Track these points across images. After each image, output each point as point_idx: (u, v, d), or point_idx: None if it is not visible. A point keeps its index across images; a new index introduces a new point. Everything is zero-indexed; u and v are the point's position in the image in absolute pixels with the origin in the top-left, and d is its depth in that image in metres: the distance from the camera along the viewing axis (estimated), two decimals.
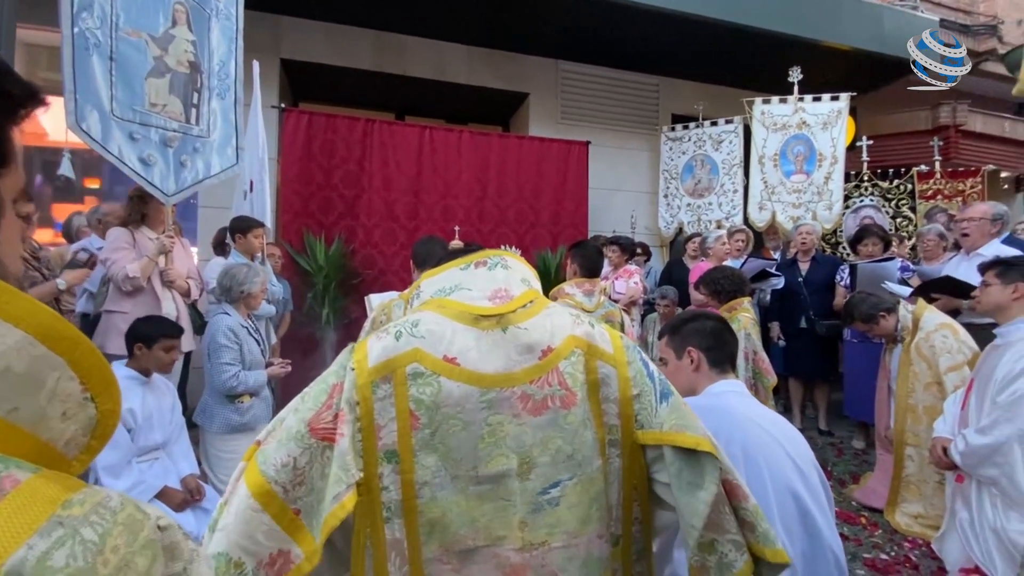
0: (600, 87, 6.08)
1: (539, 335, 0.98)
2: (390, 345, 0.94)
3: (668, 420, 0.99)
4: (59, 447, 0.42)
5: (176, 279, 3.04)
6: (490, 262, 1.05)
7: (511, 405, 0.95)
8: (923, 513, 2.52)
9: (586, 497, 0.99)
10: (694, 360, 1.52)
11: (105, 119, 2.64)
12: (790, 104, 5.27)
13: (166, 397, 2.55)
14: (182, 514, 2.38)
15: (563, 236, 5.26)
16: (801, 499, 1.29)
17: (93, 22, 2.58)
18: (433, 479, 0.94)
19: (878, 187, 5.58)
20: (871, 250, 3.80)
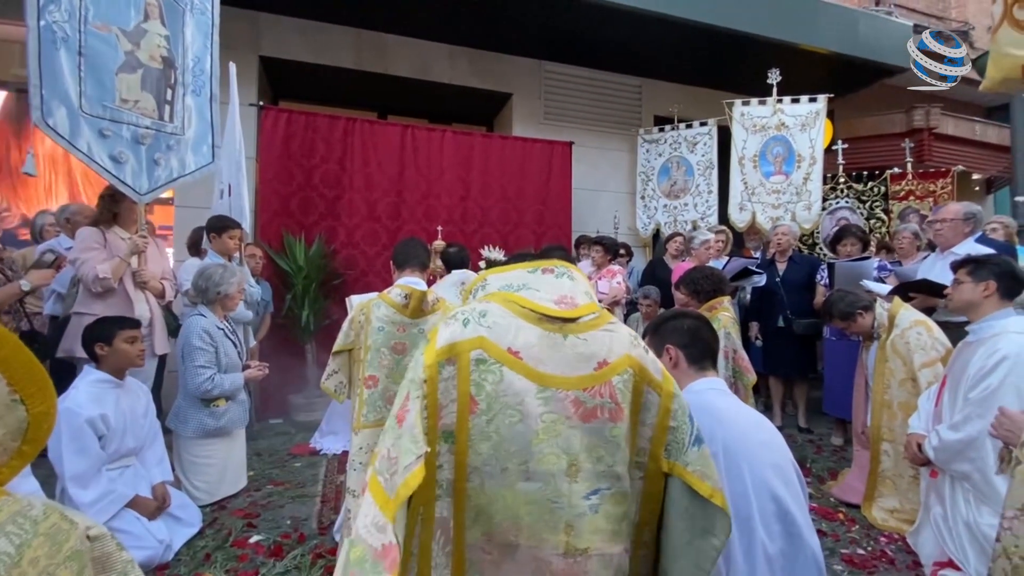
0: (583, 88, 6.10)
1: (596, 347, 1.03)
2: (457, 330, 0.99)
3: (694, 464, 1.04)
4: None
5: (149, 280, 2.95)
6: (557, 271, 1.11)
7: (564, 407, 0.99)
8: (898, 508, 2.56)
9: (619, 510, 1.03)
10: (672, 357, 1.52)
11: (73, 115, 2.56)
12: (769, 106, 5.34)
13: (140, 401, 2.47)
14: (154, 522, 2.31)
15: (547, 236, 5.25)
16: (781, 499, 1.30)
17: (61, 15, 2.50)
18: (484, 466, 0.98)
19: (853, 189, 5.70)
20: (849, 250, 3.87)
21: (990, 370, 1.94)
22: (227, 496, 2.84)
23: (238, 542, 2.40)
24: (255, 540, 2.42)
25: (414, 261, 2.43)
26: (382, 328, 2.37)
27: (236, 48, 4.52)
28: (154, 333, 2.98)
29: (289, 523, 2.58)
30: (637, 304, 4.63)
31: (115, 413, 2.27)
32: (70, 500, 2.06)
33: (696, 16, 4.94)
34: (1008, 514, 1.33)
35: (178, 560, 2.27)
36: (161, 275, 3.10)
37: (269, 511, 2.71)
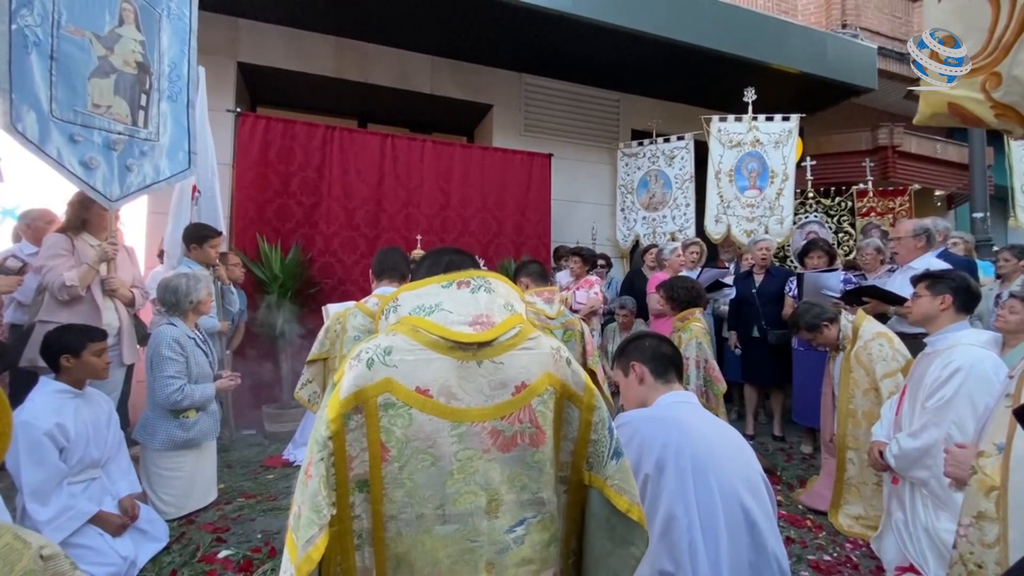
0: (563, 101, 6.19)
1: (514, 371, 0.98)
2: (362, 374, 0.93)
3: (613, 477, 1.03)
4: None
5: (119, 288, 2.89)
6: (473, 283, 1.02)
7: (481, 440, 0.95)
8: (863, 514, 2.64)
9: (546, 535, 1.00)
10: (638, 373, 1.56)
11: (43, 120, 2.50)
12: (745, 122, 5.50)
13: (102, 410, 2.40)
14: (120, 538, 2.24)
15: (526, 246, 5.30)
16: (749, 511, 1.32)
17: (33, 19, 2.46)
18: (400, 514, 0.94)
19: (821, 204, 5.90)
20: (816, 262, 4.01)
21: (945, 380, 2.02)
22: (196, 510, 2.78)
23: (206, 557, 2.35)
24: (224, 555, 2.37)
25: (392, 271, 2.43)
26: (358, 337, 2.36)
27: (214, 53, 4.48)
28: (122, 342, 2.92)
29: (260, 537, 2.53)
30: (615, 314, 4.69)
31: (75, 424, 2.21)
32: (28, 517, 2.00)
33: (673, 34, 5.08)
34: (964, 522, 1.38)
35: None
36: (132, 283, 3.04)
37: (239, 524, 2.66)
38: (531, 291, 2.82)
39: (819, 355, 3.40)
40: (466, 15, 4.80)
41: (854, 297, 3.15)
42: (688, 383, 2.88)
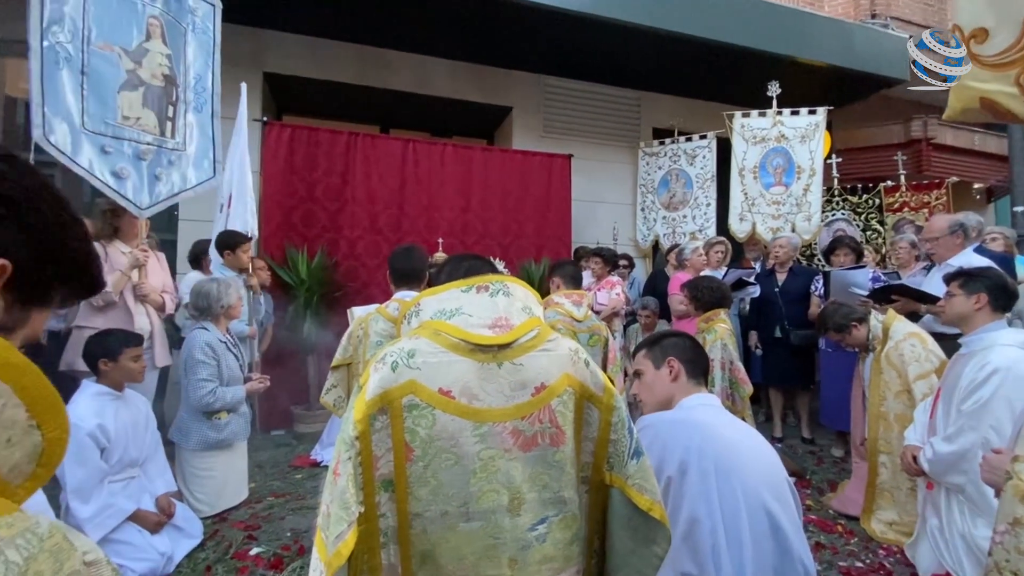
0: (583, 101, 6.17)
1: (533, 372, 1.00)
2: (387, 376, 0.96)
3: (634, 476, 1.04)
4: (2, 473, 0.42)
5: (150, 293, 3.00)
6: (492, 288, 1.05)
7: (502, 440, 0.97)
8: (897, 520, 2.56)
9: (568, 533, 1.02)
10: (674, 370, 1.54)
11: (75, 132, 2.62)
12: (769, 118, 5.39)
13: (140, 412, 2.50)
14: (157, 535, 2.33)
15: (546, 248, 5.30)
16: (773, 514, 1.30)
17: (64, 36, 2.57)
18: (424, 512, 0.96)
19: (848, 201, 5.73)
20: (843, 260, 3.90)
21: (981, 382, 1.95)
22: (228, 508, 2.86)
23: (239, 554, 2.42)
24: (255, 552, 2.44)
25: (412, 276, 2.47)
26: (380, 342, 2.40)
27: (241, 65, 4.61)
28: (155, 346, 3.02)
29: (289, 535, 2.60)
30: (636, 315, 4.65)
31: (115, 425, 2.30)
32: (71, 514, 2.09)
33: (694, 31, 5.01)
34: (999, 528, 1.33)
35: (179, 572, 2.29)
36: (162, 288, 3.14)
37: (270, 523, 2.73)
38: (561, 292, 2.82)
39: (847, 356, 3.31)
40: (486, 19, 4.82)
41: (883, 296, 3.05)
42: (713, 385, 2.84)
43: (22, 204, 0.48)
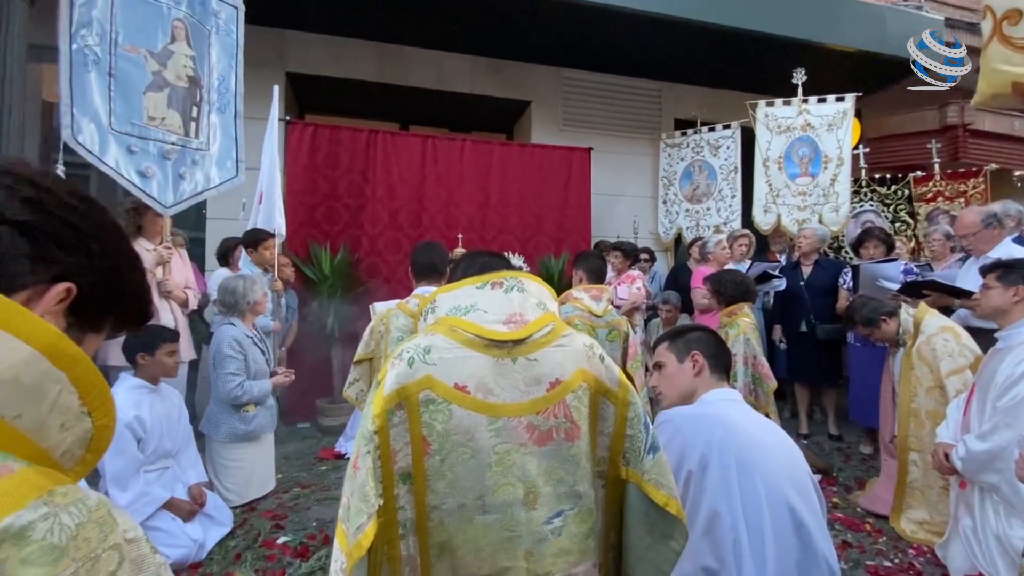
0: (602, 94, 6.10)
1: (548, 368, 1.01)
2: (404, 372, 0.97)
3: (650, 471, 1.04)
4: (56, 456, 0.46)
5: (174, 290, 3.09)
6: (507, 284, 1.06)
7: (517, 434, 0.98)
8: (928, 519, 2.49)
9: (584, 527, 1.03)
10: (698, 364, 1.52)
11: (103, 132, 2.70)
12: (794, 106, 5.24)
13: (174, 405, 2.60)
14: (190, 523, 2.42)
15: (566, 242, 5.27)
16: (796, 510, 1.29)
17: (93, 39, 2.65)
18: (442, 504, 0.98)
19: (876, 192, 5.54)
20: (873, 252, 3.78)
21: (1019, 378, 1.88)
22: (257, 498, 2.95)
23: (267, 542, 2.50)
24: (282, 541, 2.51)
25: (432, 272, 2.49)
26: (401, 338, 2.43)
27: (264, 65, 4.69)
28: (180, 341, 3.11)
29: (315, 525, 2.66)
30: (657, 309, 4.61)
31: (151, 417, 2.40)
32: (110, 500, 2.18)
33: (716, 19, 4.90)
34: None
35: (211, 559, 2.37)
36: (185, 284, 3.23)
37: (296, 513, 2.80)
38: (581, 287, 2.82)
39: (876, 350, 3.23)
40: (504, 12, 4.81)
41: (913, 290, 2.95)
42: (735, 380, 2.80)
43: (90, 236, 0.53)
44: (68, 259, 0.51)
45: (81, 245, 0.52)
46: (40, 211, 0.49)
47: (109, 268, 0.55)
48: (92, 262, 0.53)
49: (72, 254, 0.51)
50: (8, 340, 0.42)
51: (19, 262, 0.47)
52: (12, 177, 0.49)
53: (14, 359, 0.43)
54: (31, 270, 0.48)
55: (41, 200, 0.50)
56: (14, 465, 0.39)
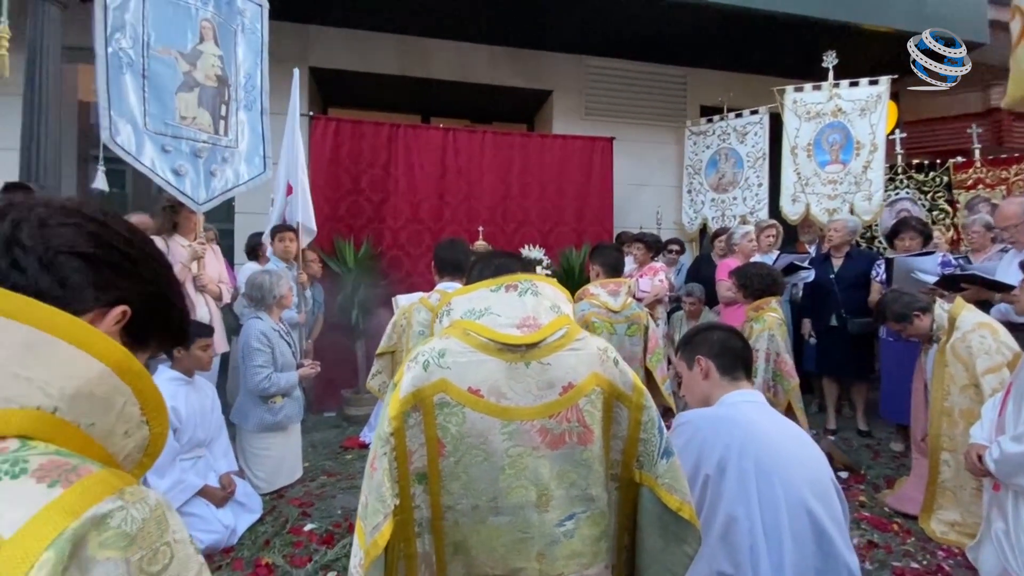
0: (625, 81, 6.00)
1: (561, 372, 1.02)
2: (419, 375, 1.00)
3: (664, 476, 1.04)
4: (119, 459, 0.53)
5: (208, 284, 3.19)
6: (520, 287, 1.07)
7: (530, 438, 1.00)
8: (960, 521, 2.42)
9: (597, 530, 1.04)
10: (703, 368, 1.51)
11: (138, 133, 2.79)
12: (824, 91, 5.05)
13: (207, 396, 2.69)
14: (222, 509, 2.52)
15: (587, 234, 5.23)
16: (816, 516, 1.27)
17: (126, 42, 2.73)
18: (456, 504, 1.01)
19: (913, 179, 5.31)
20: (908, 244, 3.62)
21: None
22: (285, 486, 3.05)
23: (294, 529, 2.59)
24: (309, 528, 2.59)
25: (454, 268, 2.51)
26: (422, 332, 2.47)
27: (287, 61, 4.74)
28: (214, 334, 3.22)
29: (340, 513, 2.74)
30: (681, 302, 4.54)
31: (186, 408, 2.50)
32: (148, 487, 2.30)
33: (743, 1, 4.75)
34: None
35: (241, 544, 2.46)
36: (218, 279, 3.33)
37: (322, 501, 2.89)
38: (597, 282, 2.79)
39: (909, 344, 3.12)
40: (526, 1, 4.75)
41: (951, 284, 2.84)
42: (755, 376, 2.76)
43: (142, 265, 0.61)
44: (124, 285, 0.58)
45: (134, 272, 0.60)
46: (102, 244, 0.57)
47: (157, 292, 0.63)
48: (143, 287, 0.60)
49: (127, 280, 0.59)
50: (85, 358, 0.49)
51: (86, 288, 0.55)
52: (80, 216, 0.57)
53: (90, 375, 0.49)
54: (95, 295, 0.56)
55: (102, 235, 0.57)
56: (92, 467, 0.45)
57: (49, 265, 0.53)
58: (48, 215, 0.55)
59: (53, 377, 0.47)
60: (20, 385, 0.46)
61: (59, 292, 0.53)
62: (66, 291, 0.53)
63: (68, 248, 0.54)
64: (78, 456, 0.46)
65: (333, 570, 2.25)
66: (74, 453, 0.46)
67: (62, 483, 0.42)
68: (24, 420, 0.45)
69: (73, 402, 0.48)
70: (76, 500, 0.42)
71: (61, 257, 0.54)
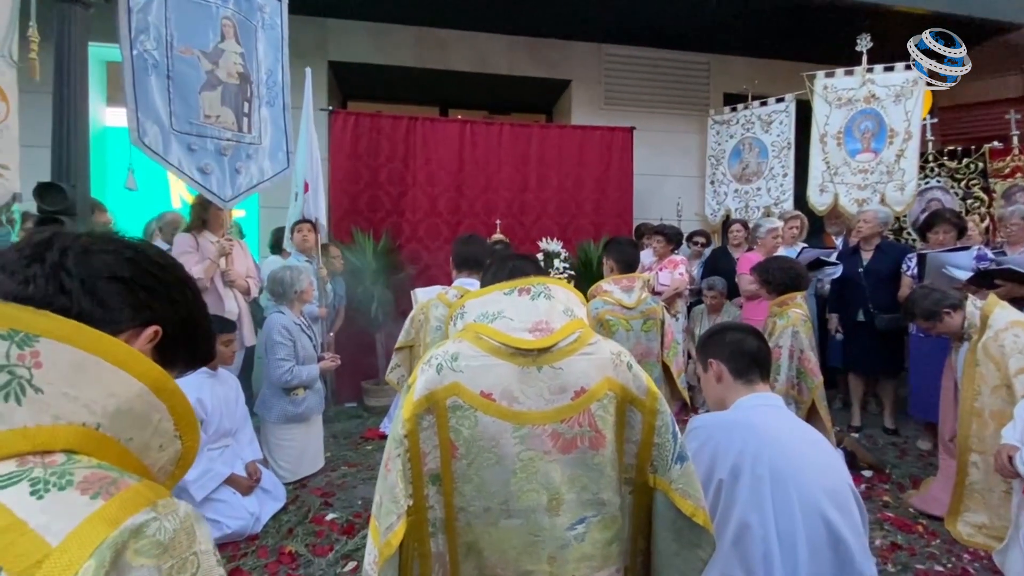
0: (646, 69, 5.88)
1: (573, 377, 1.02)
2: (432, 378, 1.01)
3: (678, 481, 1.04)
4: (154, 471, 0.57)
5: (236, 279, 3.26)
6: (533, 291, 1.08)
7: (542, 442, 1.01)
8: (987, 524, 2.35)
9: (608, 534, 1.05)
10: (716, 371, 1.49)
11: (165, 133, 2.85)
12: (857, 76, 4.86)
13: (231, 388, 2.77)
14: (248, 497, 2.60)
15: (606, 226, 5.18)
16: (832, 524, 1.24)
17: (151, 43, 2.78)
18: (468, 506, 1.02)
19: (945, 167, 5.08)
20: (942, 238, 3.48)
21: None
22: (307, 475, 3.13)
23: (316, 518, 2.66)
24: (331, 518, 2.66)
25: (472, 263, 2.52)
26: (439, 327, 2.49)
27: (306, 55, 4.79)
28: (242, 327, 3.30)
29: (360, 504, 2.81)
30: (702, 295, 4.48)
31: (211, 399, 2.57)
32: None
33: None
34: None
35: (265, 532, 2.55)
36: (246, 273, 3.41)
37: (343, 491, 2.96)
38: (611, 278, 2.77)
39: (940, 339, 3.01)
40: None
41: (985, 280, 2.74)
42: (779, 374, 2.70)
43: (173, 288, 0.66)
44: (156, 306, 0.63)
45: (166, 295, 0.65)
46: (138, 269, 0.62)
47: (187, 314, 0.68)
48: (174, 309, 0.66)
49: (160, 302, 0.64)
50: (126, 377, 0.53)
51: (123, 309, 0.60)
52: (118, 244, 0.63)
53: (130, 393, 0.54)
54: (131, 316, 0.61)
55: (138, 260, 0.63)
56: (130, 480, 0.49)
57: (91, 289, 0.58)
58: (91, 243, 0.60)
59: (97, 395, 0.51)
60: (68, 403, 0.50)
61: (99, 313, 0.58)
62: (105, 312, 0.58)
63: (108, 273, 0.59)
64: (117, 469, 0.49)
65: (353, 560, 2.31)
66: (114, 467, 0.50)
67: (103, 495, 0.46)
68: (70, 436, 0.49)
69: (114, 419, 0.52)
70: (116, 511, 0.45)
71: (101, 282, 0.59)
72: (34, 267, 0.56)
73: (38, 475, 0.45)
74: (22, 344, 0.48)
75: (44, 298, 0.55)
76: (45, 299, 0.55)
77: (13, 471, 0.45)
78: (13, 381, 0.47)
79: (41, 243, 0.58)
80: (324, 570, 2.25)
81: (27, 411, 0.48)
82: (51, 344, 0.50)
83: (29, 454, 0.46)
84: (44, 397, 0.48)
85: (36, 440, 0.47)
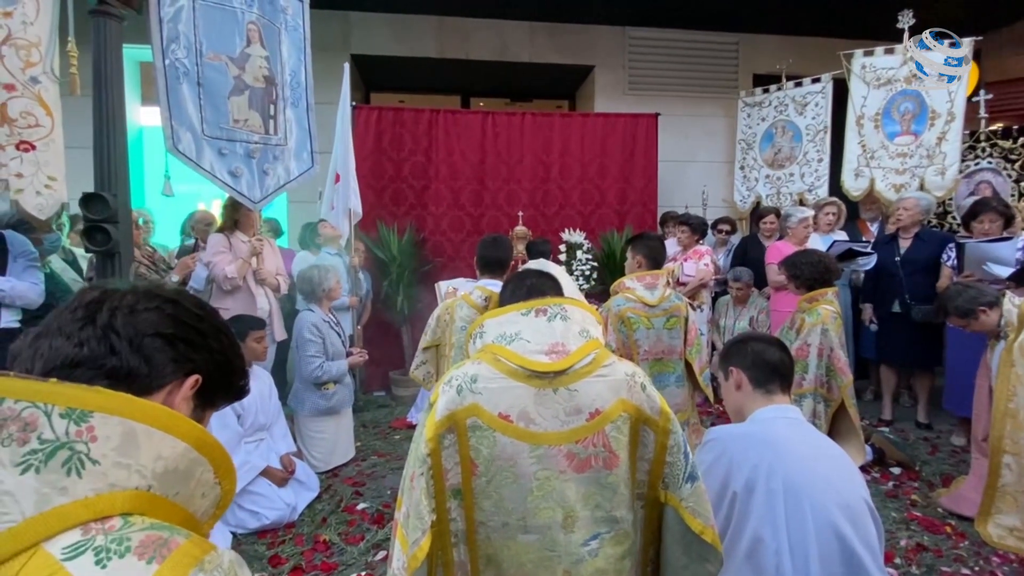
0: (671, 52, 5.72)
1: (588, 399, 1.06)
2: (453, 399, 1.07)
3: (688, 499, 1.07)
4: (197, 516, 0.64)
5: (267, 277, 3.39)
6: (550, 311, 1.11)
7: (557, 462, 1.05)
8: (1019, 526, 2.30)
9: (620, 549, 1.09)
10: (736, 379, 1.49)
11: (197, 139, 2.94)
12: (898, 55, 4.61)
13: (264, 384, 2.91)
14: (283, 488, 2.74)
15: (630, 215, 5.13)
16: (846, 539, 1.25)
17: (181, 52, 2.86)
18: (488, 521, 1.08)
19: (998, 147, 4.79)
20: (988, 228, 3.28)
21: None
22: (339, 465, 3.27)
23: (348, 508, 2.79)
24: (362, 507, 2.79)
25: (496, 264, 2.56)
26: (464, 328, 2.55)
27: (330, 50, 4.84)
28: (273, 323, 3.43)
29: (389, 493, 2.92)
30: (728, 286, 4.41)
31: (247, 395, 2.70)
32: None
33: None
34: None
35: (301, 521, 2.69)
36: (276, 271, 3.53)
37: (373, 480, 3.09)
38: (634, 275, 2.75)
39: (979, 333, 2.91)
40: None
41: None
42: (806, 372, 2.67)
43: (210, 337, 0.70)
44: (196, 357, 0.68)
45: (204, 344, 0.69)
46: (178, 323, 0.67)
47: (224, 360, 0.72)
48: (212, 356, 0.70)
49: (199, 352, 0.68)
50: (171, 440, 0.58)
51: (167, 364, 0.65)
52: (159, 299, 0.67)
53: (175, 453, 0.58)
54: (173, 370, 0.66)
55: (178, 315, 0.67)
56: (179, 539, 0.53)
57: (138, 347, 0.63)
58: (135, 301, 0.65)
59: (147, 460, 0.56)
60: (122, 471, 0.55)
61: (146, 370, 0.63)
62: (151, 368, 0.63)
63: (152, 331, 0.64)
64: (167, 526, 0.54)
65: (383, 549, 2.42)
66: (165, 524, 0.55)
67: (157, 559, 0.50)
68: (126, 500, 0.54)
69: (163, 478, 0.57)
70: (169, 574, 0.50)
71: (146, 340, 0.64)
72: (87, 330, 0.62)
73: (100, 543, 0.50)
74: (79, 420, 0.53)
75: (96, 359, 0.61)
76: (97, 360, 0.61)
77: (78, 540, 0.50)
78: (73, 456, 0.53)
79: (92, 303, 0.64)
80: (356, 559, 2.37)
81: (87, 482, 0.53)
82: (104, 418, 0.55)
83: (91, 521, 0.52)
84: (101, 468, 0.53)
85: (96, 508, 0.52)
